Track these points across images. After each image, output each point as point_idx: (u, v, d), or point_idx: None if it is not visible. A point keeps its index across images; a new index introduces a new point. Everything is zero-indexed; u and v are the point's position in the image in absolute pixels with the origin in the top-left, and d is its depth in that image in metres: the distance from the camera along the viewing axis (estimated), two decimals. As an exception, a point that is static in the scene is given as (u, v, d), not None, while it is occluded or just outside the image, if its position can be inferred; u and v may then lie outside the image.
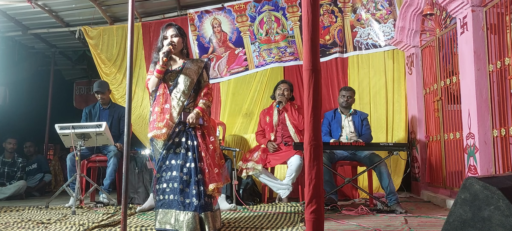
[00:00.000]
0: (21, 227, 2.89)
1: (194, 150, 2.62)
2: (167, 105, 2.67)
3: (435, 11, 4.25)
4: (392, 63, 4.99)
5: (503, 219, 1.54)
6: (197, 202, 2.54)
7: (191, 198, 2.55)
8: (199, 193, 2.56)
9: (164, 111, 2.65)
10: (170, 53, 2.68)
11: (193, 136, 2.66)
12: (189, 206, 2.55)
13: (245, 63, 5.32)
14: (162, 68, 2.68)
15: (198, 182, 2.58)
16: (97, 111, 4.69)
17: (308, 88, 1.93)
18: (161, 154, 2.65)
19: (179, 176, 2.59)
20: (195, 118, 2.66)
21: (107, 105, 4.72)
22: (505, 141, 3.08)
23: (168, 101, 2.68)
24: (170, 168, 2.63)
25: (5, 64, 6.21)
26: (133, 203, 4.28)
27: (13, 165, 5.63)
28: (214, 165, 2.66)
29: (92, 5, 5.24)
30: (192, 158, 2.61)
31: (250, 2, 5.28)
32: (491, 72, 3.22)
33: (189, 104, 2.73)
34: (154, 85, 2.72)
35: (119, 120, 4.68)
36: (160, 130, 2.61)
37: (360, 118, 4.22)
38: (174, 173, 2.61)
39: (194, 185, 2.56)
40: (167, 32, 2.79)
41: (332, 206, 3.63)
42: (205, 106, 2.74)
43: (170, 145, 2.65)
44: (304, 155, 2.38)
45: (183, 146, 2.64)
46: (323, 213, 1.90)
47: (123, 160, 2.10)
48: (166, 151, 2.65)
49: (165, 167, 2.64)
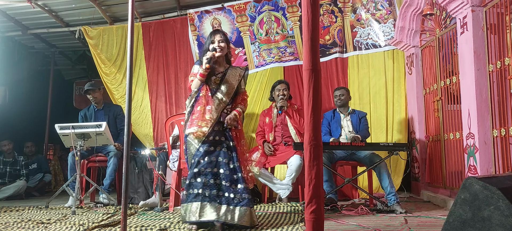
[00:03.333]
0: (21, 227, 2.89)
1: (233, 149, 2.81)
2: (208, 106, 2.82)
3: (435, 11, 4.25)
4: (392, 63, 4.99)
5: (503, 219, 1.54)
6: (247, 196, 2.70)
7: (240, 193, 2.70)
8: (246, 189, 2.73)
9: (205, 112, 2.80)
10: (212, 59, 2.82)
11: (230, 137, 2.84)
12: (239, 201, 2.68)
13: (245, 63, 5.32)
14: (206, 72, 2.81)
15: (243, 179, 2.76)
16: (92, 113, 4.67)
17: (308, 88, 1.93)
18: (199, 150, 2.76)
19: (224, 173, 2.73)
20: (233, 119, 2.85)
21: (101, 106, 4.71)
22: (505, 141, 3.07)
23: (210, 102, 2.83)
24: (210, 164, 2.74)
25: (5, 64, 6.21)
26: (133, 203, 4.28)
27: (15, 164, 5.63)
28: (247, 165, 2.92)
29: (92, 5, 5.24)
30: (236, 157, 2.79)
31: (250, 2, 5.28)
32: (491, 72, 3.22)
33: (228, 107, 2.90)
34: (197, 86, 2.86)
35: (115, 119, 4.67)
36: (201, 128, 2.76)
37: (358, 117, 4.22)
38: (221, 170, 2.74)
39: (241, 182, 2.73)
40: (214, 37, 2.93)
41: (332, 206, 3.63)
42: (242, 111, 2.94)
43: (209, 143, 2.77)
44: (304, 155, 2.38)
45: (223, 145, 2.80)
46: (323, 213, 1.90)
47: (123, 160, 2.10)
48: (207, 147, 2.77)
49: (204, 163, 2.74)
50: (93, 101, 4.65)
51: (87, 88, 4.62)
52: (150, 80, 5.55)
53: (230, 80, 2.90)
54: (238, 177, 2.74)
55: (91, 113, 4.68)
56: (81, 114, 4.73)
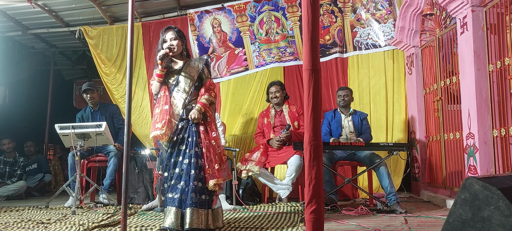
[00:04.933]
0: (21, 227, 2.89)
1: (191, 146, 2.64)
2: (166, 106, 2.70)
3: (435, 11, 4.25)
4: (392, 63, 4.99)
5: (503, 219, 1.54)
6: (195, 198, 2.54)
7: (189, 193, 2.55)
8: (197, 189, 2.57)
9: (163, 112, 2.68)
10: (166, 57, 2.72)
11: (194, 132, 2.68)
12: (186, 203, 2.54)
13: (245, 63, 5.32)
14: (161, 71, 2.73)
15: (196, 178, 2.58)
16: (89, 114, 4.67)
17: (308, 88, 1.93)
18: (167, 152, 2.69)
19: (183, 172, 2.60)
20: (197, 113, 2.68)
21: (97, 106, 4.70)
22: (505, 141, 3.07)
23: (168, 102, 2.71)
24: (173, 166, 2.65)
25: (5, 64, 6.21)
26: (133, 203, 4.28)
27: (14, 164, 5.64)
28: (215, 161, 2.67)
29: (92, 5, 5.24)
30: (189, 154, 2.62)
31: (250, 2, 5.28)
32: (491, 72, 3.22)
33: (191, 102, 2.76)
34: (156, 89, 2.78)
35: (112, 118, 4.67)
36: (160, 130, 2.64)
37: (359, 118, 4.22)
38: (176, 170, 2.63)
39: (192, 181, 2.56)
40: (166, 35, 2.83)
41: (332, 206, 3.63)
42: (207, 102, 2.75)
43: (174, 143, 2.68)
44: (304, 155, 2.38)
45: (185, 142, 2.67)
46: (323, 213, 1.90)
47: (123, 160, 2.10)
48: (171, 149, 2.68)
49: (169, 165, 2.67)
50: (90, 101, 4.65)
51: (85, 88, 4.63)
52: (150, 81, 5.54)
53: (188, 73, 2.77)
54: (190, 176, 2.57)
55: (88, 115, 4.67)
56: (78, 116, 4.73)
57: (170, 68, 2.79)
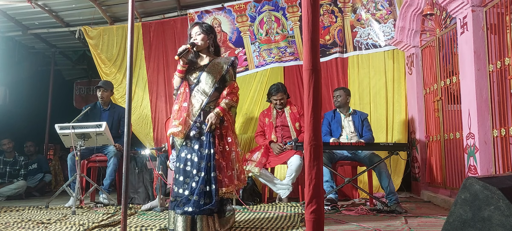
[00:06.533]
0: (21, 227, 2.89)
1: (205, 147, 2.57)
2: (185, 103, 2.64)
3: (435, 11, 4.25)
4: (392, 63, 4.99)
5: (503, 219, 1.54)
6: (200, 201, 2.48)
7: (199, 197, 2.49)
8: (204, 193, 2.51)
9: (181, 110, 2.63)
10: (187, 52, 2.62)
11: (208, 134, 2.61)
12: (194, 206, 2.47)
13: (245, 63, 5.32)
14: (183, 67, 2.66)
15: (205, 180, 2.52)
16: (98, 112, 4.67)
17: (308, 88, 1.93)
18: (179, 152, 2.65)
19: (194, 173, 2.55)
20: (214, 118, 2.60)
21: (107, 107, 4.71)
22: (505, 141, 3.07)
23: (187, 99, 2.65)
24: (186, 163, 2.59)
25: (5, 64, 6.22)
26: (133, 203, 4.28)
27: (15, 164, 5.64)
28: (228, 168, 2.62)
29: (92, 5, 5.24)
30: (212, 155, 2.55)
31: (250, 2, 5.28)
32: (491, 72, 3.22)
33: (210, 103, 2.67)
34: (177, 84, 2.72)
35: (119, 121, 4.66)
36: (176, 127, 2.59)
37: (360, 118, 4.22)
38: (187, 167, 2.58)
39: (201, 184, 2.51)
40: (192, 31, 2.76)
41: (332, 206, 3.63)
42: (227, 106, 2.67)
43: (187, 140, 2.63)
44: (304, 155, 2.38)
45: (198, 142, 2.60)
46: (323, 213, 1.90)
47: (123, 160, 2.10)
48: (184, 146, 2.63)
49: (181, 160, 2.61)
50: (101, 100, 4.66)
51: (100, 85, 4.64)
52: (150, 80, 5.55)
53: (211, 73, 2.66)
54: (199, 178, 2.51)
55: (97, 111, 4.66)
56: (85, 107, 4.66)
57: (195, 64, 2.72)
